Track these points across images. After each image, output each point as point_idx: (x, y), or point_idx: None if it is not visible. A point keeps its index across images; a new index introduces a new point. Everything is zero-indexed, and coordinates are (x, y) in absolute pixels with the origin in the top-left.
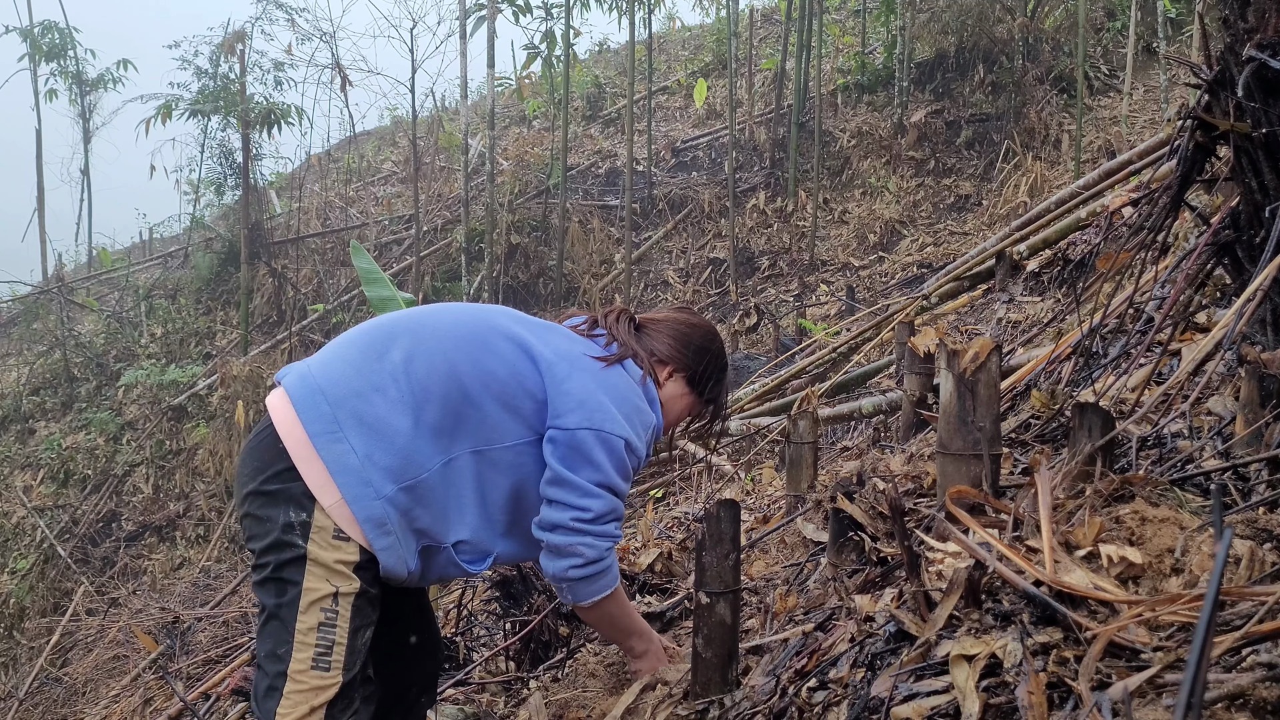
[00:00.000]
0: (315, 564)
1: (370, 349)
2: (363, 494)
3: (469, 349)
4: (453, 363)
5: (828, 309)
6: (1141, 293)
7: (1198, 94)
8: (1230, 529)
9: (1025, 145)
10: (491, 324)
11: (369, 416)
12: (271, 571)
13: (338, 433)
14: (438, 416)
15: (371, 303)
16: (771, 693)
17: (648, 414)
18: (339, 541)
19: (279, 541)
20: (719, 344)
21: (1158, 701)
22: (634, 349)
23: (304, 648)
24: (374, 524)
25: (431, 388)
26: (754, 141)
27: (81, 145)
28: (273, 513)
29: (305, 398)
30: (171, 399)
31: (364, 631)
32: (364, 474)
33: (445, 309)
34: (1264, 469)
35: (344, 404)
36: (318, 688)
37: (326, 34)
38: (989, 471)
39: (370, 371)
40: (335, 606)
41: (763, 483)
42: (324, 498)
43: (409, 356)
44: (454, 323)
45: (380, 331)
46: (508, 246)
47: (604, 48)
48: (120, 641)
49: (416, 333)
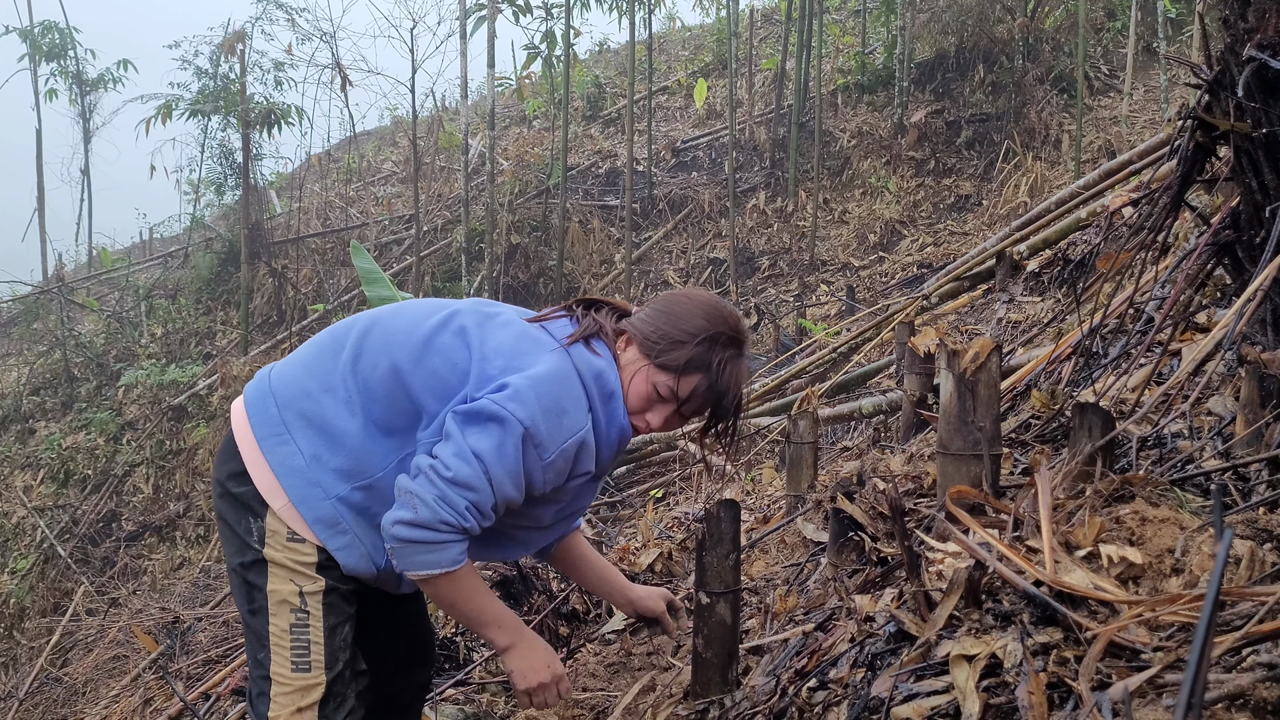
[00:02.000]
0: (275, 566)
1: (326, 349)
2: (310, 495)
3: (414, 347)
4: (395, 361)
5: (828, 309)
6: (1141, 293)
7: (1198, 94)
8: (1230, 529)
9: (1025, 145)
10: (447, 319)
11: (317, 417)
12: (239, 577)
13: (284, 434)
14: (386, 415)
15: (371, 303)
16: (771, 693)
17: (573, 419)
18: (294, 544)
19: (241, 546)
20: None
21: (1158, 701)
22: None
23: (280, 650)
24: (325, 524)
25: (375, 387)
26: (754, 141)
27: (81, 145)
28: (234, 518)
29: (256, 400)
30: (171, 399)
31: (341, 628)
32: (310, 475)
33: (408, 306)
34: (1264, 469)
35: (292, 405)
36: (303, 688)
37: (326, 34)
38: (989, 471)
39: (322, 372)
40: (304, 606)
41: (763, 483)
42: (273, 501)
43: (357, 355)
44: (408, 320)
45: (339, 330)
46: (508, 246)
47: (604, 48)
48: (120, 641)
49: (369, 331)
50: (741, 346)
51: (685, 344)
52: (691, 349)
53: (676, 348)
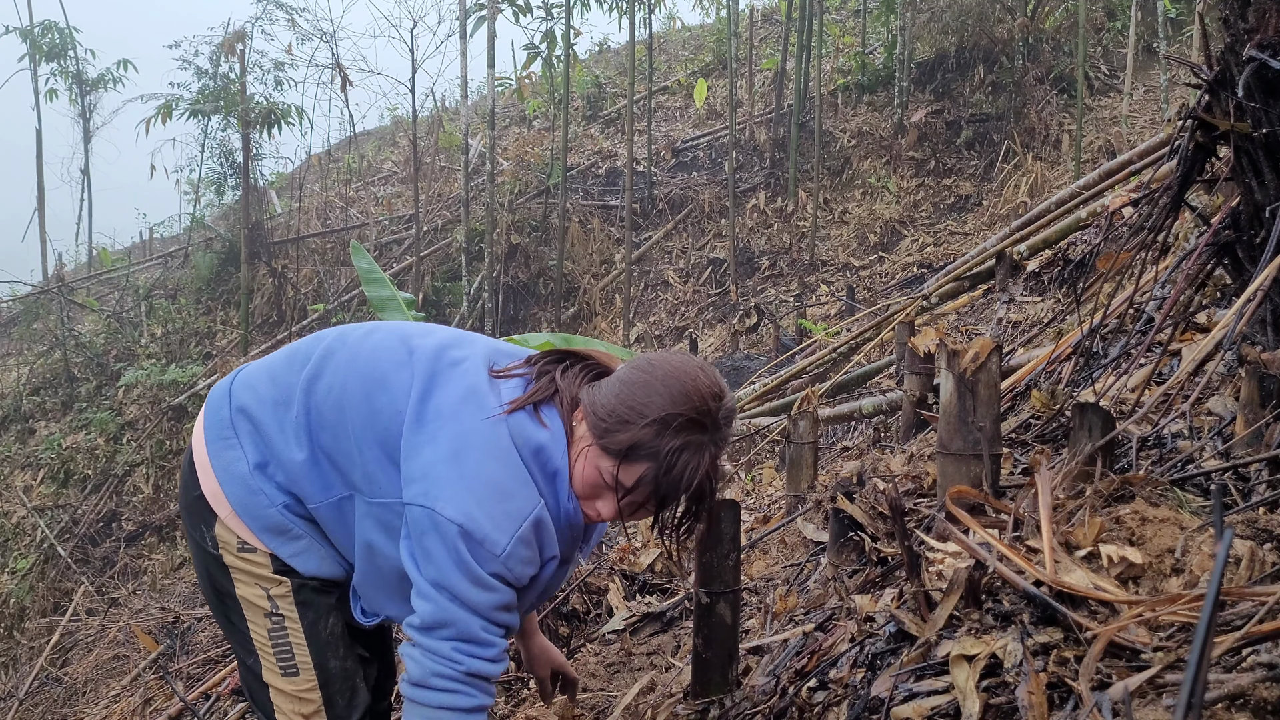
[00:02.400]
0: (237, 572)
1: (292, 360)
2: (254, 503)
3: (367, 382)
4: (347, 393)
5: (828, 309)
6: (1142, 293)
7: (1198, 94)
8: (1230, 529)
9: (1025, 145)
10: (408, 356)
11: (266, 428)
12: (209, 586)
13: (232, 439)
14: (333, 447)
15: (371, 302)
16: (771, 693)
17: (520, 499)
18: (245, 554)
19: (201, 554)
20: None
21: (1158, 701)
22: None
23: (267, 658)
24: (274, 532)
25: (326, 415)
26: (754, 141)
27: (82, 145)
28: (190, 525)
29: (213, 402)
30: (171, 399)
31: (322, 622)
32: (253, 483)
33: (379, 328)
34: (1264, 469)
35: (245, 411)
36: (299, 693)
37: (326, 34)
38: (989, 471)
39: (283, 384)
40: (277, 610)
41: (763, 483)
42: (219, 509)
43: (315, 375)
44: (371, 346)
45: (309, 342)
46: (508, 246)
47: (604, 48)
48: (120, 641)
49: (333, 350)
50: (708, 431)
51: (632, 424)
52: (638, 431)
53: (622, 428)
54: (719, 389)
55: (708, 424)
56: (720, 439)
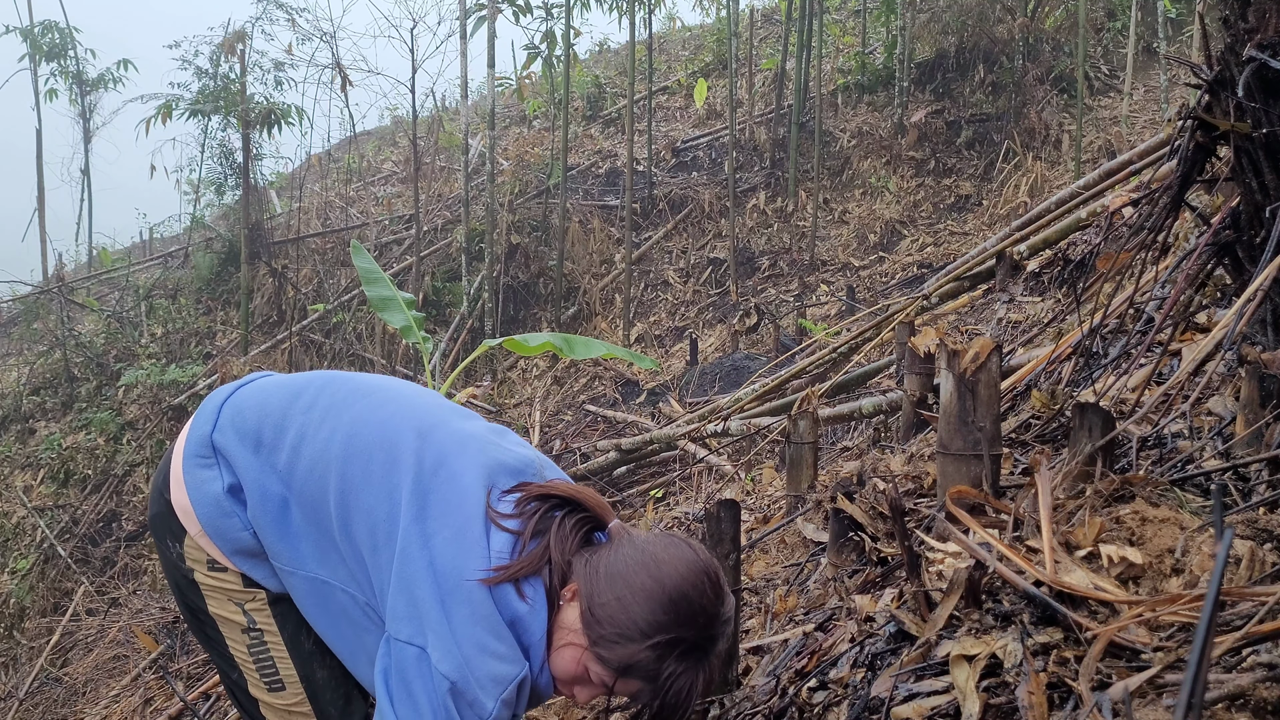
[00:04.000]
0: (209, 589)
1: (299, 394)
2: (225, 525)
3: (353, 462)
4: (328, 474)
5: (828, 309)
6: (1142, 293)
7: (1198, 94)
8: (1231, 529)
9: (1025, 145)
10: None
11: (244, 466)
12: (181, 601)
13: (209, 458)
14: (311, 518)
15: (371, 302)
16: (772, 693)
17: (508, 662)
18: (216, 573)
19: (171, 569)
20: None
21: (1158, 702)
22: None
23: (250, 673)
24: (245, 555)
25: (306, 489)
26: (754, 141)
27: (82, 145)
28: (159, 542)
29: (202, 415)
30: (172, 399)
31: (304, 633)
32: (226, 505)
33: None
34: (1264, 469)
35: (228, 431)
36: (288, 707)
37: (327, 34)
38: (989, 471)
39: (277, 420)
40: (255, 625)
41: (763, 483)
42: (189, 525)
43: (309, 429)
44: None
45: (313, 389)
46: (508, 246)
47: (604, 48)
48: (120, 641)
49: (331, 408)
50: (709, 649)
51: (634, 642)
52: (640, 651)
53: (622, 642)
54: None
55: (708, 643)
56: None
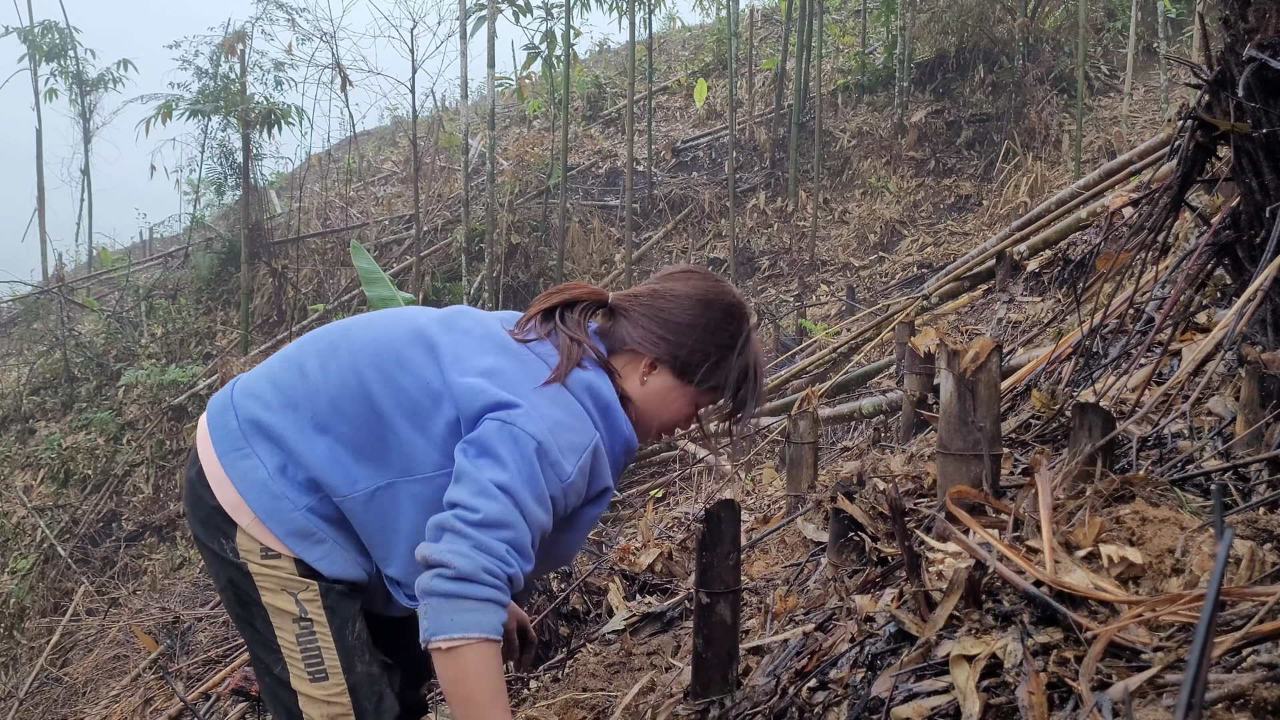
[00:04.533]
0: (262, 578)
1: (293, 362)
2: (277, 508)
3: (382, 364)
4: (364, 380)
5: (828, 309)
6: (1142, 293)
7: (1198, 94)
8: (1231, 529)
9: (1025, 145)
10: (416, 333)
11: (277, 432)
12: (232, 596)
13: (245, 449)
14: (356, 439)
15: (371, 303)
16: (772, 693)
17: (583, 430)
18: (270, 560)
19: (222, 564)
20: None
21: (1158, 702)
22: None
23: (295, 663)
24: (298, 536)
25: (345, 408)
26: (754, 141)
27: (82, 145)
28: (208, 537)
29: (217, 415)
30: (172, 399)
31: (350, 626)
32: (274, 488)
33: (374, 318)
34: (1264, 469)
35: (253, 420)
36: (328, 698)
37: (327, 34)
38: (989, 471)
39: (286, 387)
40: (305, 614)
41: (763, 483)
42: (240, 518)
43: (324, 372)
44: (373, 334)
45: (305, 343)
46: (508, 246)
47: (604, 48)
48: (120, 641)
49: (336, 346)
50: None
51: (727, 361)
52: (734, 362)
53: (720, 368)
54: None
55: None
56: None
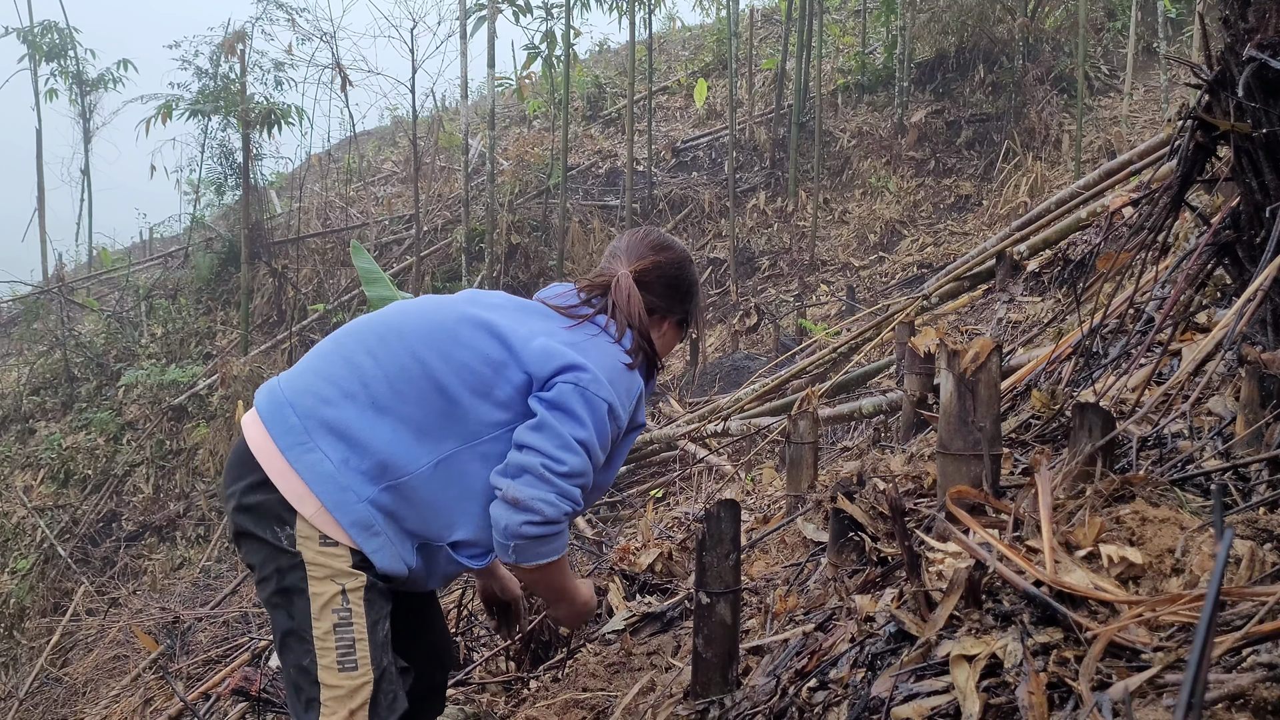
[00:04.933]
0: (315, 567)
1: (337, 355)
2: (343, 499)
3: (438, 344)
4: (423, 361)
5: (828, 309)
6: (1142, 293)
7: (1198, 94)
8: (1231, 529)
9: (1025, 145)
10: (459, 314)
11: (339, 423)
12: (276, 585)
13: (309, 442)
14: (419, 416)
15: (371, 303)
16: (772, 693)
17: (632, 379)
18: (327, 548)
19: (273, 553)
20: (691, 266)
21: (1158, 702)
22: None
23: (326, 652)
24: (360, 527)
25: (406, 389)
26: (754, 141)
27: (82, 145)
28: (259, 528)
29: (272, 411)
30: (172, 399)
31: (382, 623)
32: (341, 479)
33: (411, 306)
34: (1264, 469)
35: (313, 413)
36: (352, 689)
37: (327, 34)
38: (989, 471)
39: (338, 378)
40: (346, 604)
41: (763, 483)
42: (304, 508)
43: (377, 360)
44: (420, 319)
45: (348, 337)
46: (508, 246)
47: (604, 48)
48: (120, 641)
49: (383, 335)
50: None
51: (695, 297)
52: (697, 297)
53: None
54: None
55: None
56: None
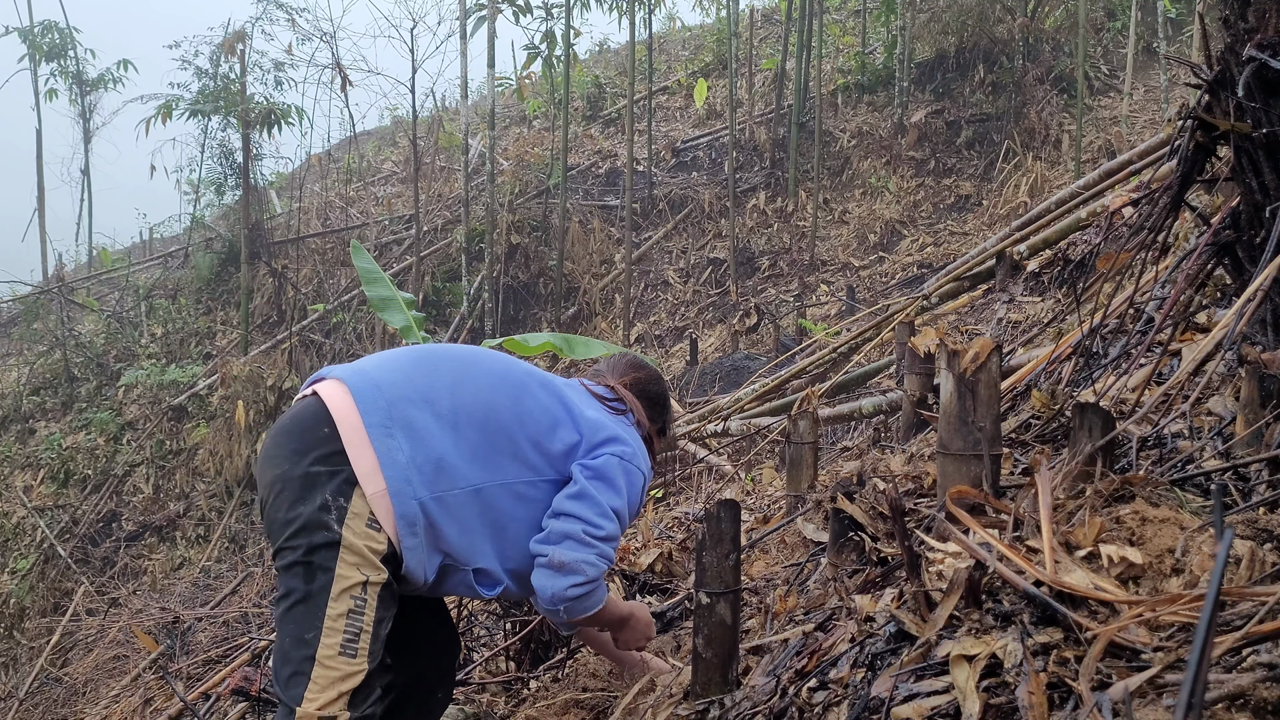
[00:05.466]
0: (349, 551)
1: (421, 365)
2: (404, 490)
3: (509, 389)
4: (494, 397)
5: (828, 309)
6: (1142, 293)
7: (1198, 94)
8: (1231, 529)
9: (1025, 145)
10: (528, 372)
11: (417, 423)
12: (303, 555)
13: (391, 428)
14: (477, 442)
15: (371, 303)
16: (772, 693)
17: (648, 463)
18: (371, 530)
19: (313, 522)
20: (665, 384)
21: (1158, 702)
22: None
23: (333, 633)
24: (407, 522)
25: (475, 414)
26: (754, 141)
27: (82, 145)
28: (308, 494)
29: (365, 390)
30: (171, 399)
31: (386, 623)
32: (407, 473)
33: (482, 350)
34: (1264, 469)
35: (397, 405)
36: (346, 674)
37: (326, 34)
38: (989, 471)
39: (423, 384)
40: (364, 595)
41: (763, 483)
42: (369, 485)
43: (457, 381)
44: (494, 362)
45: (430, 353)
46: (508, 246)
47: (604, 48)
48: (120, 641)
49: (465, 363)
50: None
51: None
52: (670, 411)
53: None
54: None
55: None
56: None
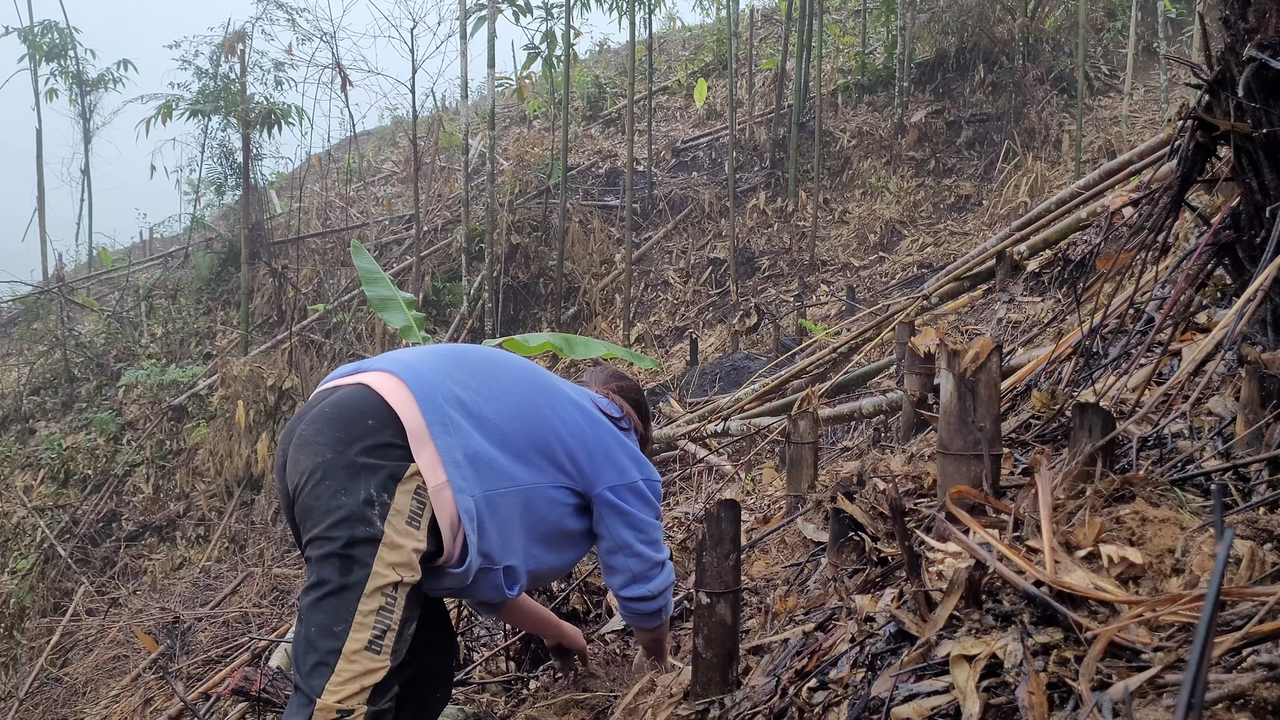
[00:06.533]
0: (389, 549)
1: (468, 365)
2: (464, 487)
3: (550, 398)
4: (538, 402)
5: (828, 309)
6: (1142, 293)
7: (1198, 94)
8: (1231, 529)
9: (1025, 145)
10: (554, 379)
11: (467, 421)
12: (342, 546)
13: (450, 426)
14: (522, 446)
15: (371, 302)
16: (772, 693)
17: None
18: (410, 529)
19: (356, 515)
20: (645, 396)
21: (1158, 702)
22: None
23: (362, 629)
24: (469, 516)
25: (521, 419)
26: (754, 141)
27: (82, 145)
28: (353, 485)
29: (423, 389)
30: (172, 399)
31: (411, 623)
32: (464, 469)
33: (510, 355)
34: (1264, 469)
35: (453, 404)
36: (369, 670)
37: (327, 34)
38: (989, 471)
39: (468, 383)
40: (395, 594)
41: (763, 483)
42: (431, 477)
43: (501, 384)
44: (535, 372)
45: (464, 353)
46: (508, 246)
47: (604, 48)
48: (120, 641)
49: (505, 367)
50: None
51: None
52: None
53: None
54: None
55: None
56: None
